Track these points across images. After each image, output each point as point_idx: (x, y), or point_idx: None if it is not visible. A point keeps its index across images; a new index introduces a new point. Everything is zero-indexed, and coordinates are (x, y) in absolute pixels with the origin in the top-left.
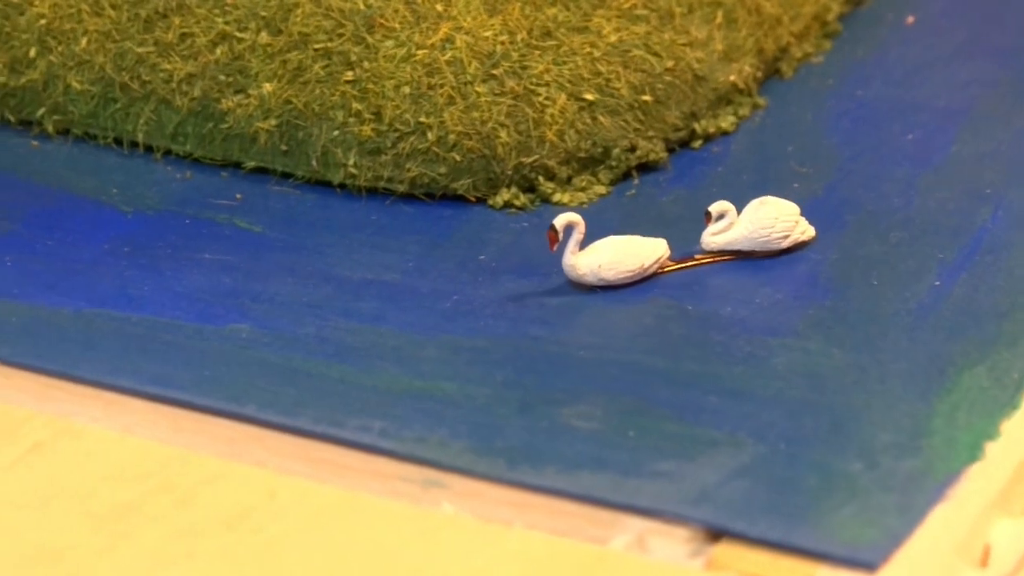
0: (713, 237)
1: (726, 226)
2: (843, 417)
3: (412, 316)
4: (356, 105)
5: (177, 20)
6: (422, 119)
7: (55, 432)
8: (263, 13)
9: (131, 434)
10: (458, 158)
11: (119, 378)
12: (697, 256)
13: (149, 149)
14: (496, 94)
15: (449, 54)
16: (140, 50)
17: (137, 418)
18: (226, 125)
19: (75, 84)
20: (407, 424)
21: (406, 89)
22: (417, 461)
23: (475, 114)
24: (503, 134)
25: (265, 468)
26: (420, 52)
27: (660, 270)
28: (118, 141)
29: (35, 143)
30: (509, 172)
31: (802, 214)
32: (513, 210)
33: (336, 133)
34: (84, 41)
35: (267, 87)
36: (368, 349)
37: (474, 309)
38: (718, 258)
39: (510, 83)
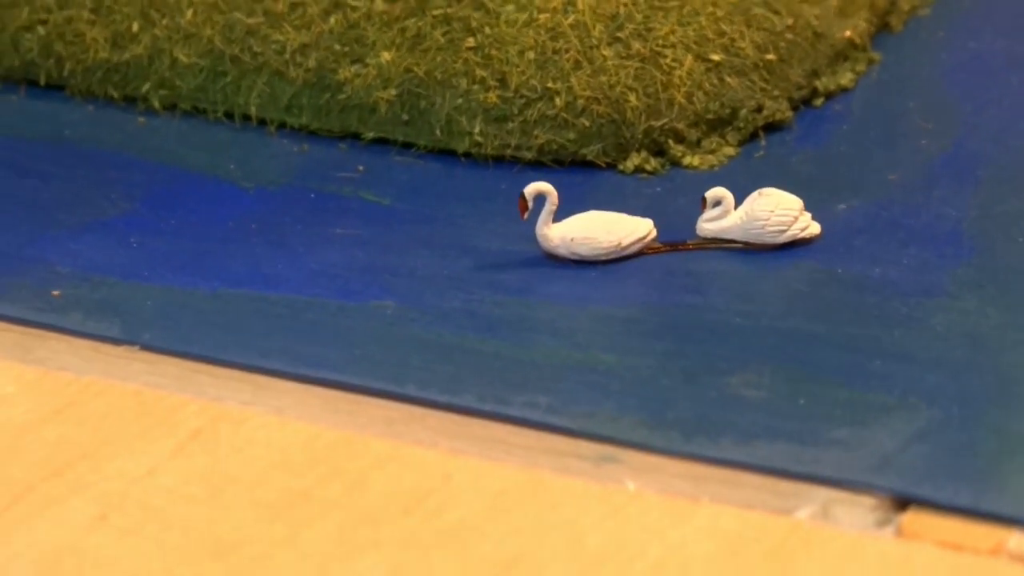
0: (707, 224)
1: (721, 213)
2: (1009, 378)
3: (559, 287)
4: (480, 72)
5: None
6: (549, 84)
7: (212, 418)
8: None
9: (284, 417)
10: (587, 123)
11: (269, 360)
12: (690, 242)
13: (262, 122)
14: (623, 57)
15: (572, 17)
16: (250, 21)
17: (289, 400)
18: (343, 96)
19: (182, 57)
20: (573, 399)
21: (530, 54)
22: (589, 437)
23: (603, 78)
24: (632, 98)
25: (436, 449)
26: (542, 16)
27: (646, 250)
28: (229, 115)
29: (142, 119)
30: (639, 136)
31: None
32: (644, 175)
33: (460, 101)
34: (189, 13)
35: (385, 56)
36: (519, 322)
37: (621, 278)
38: (710, 245)
39: (636, 45)
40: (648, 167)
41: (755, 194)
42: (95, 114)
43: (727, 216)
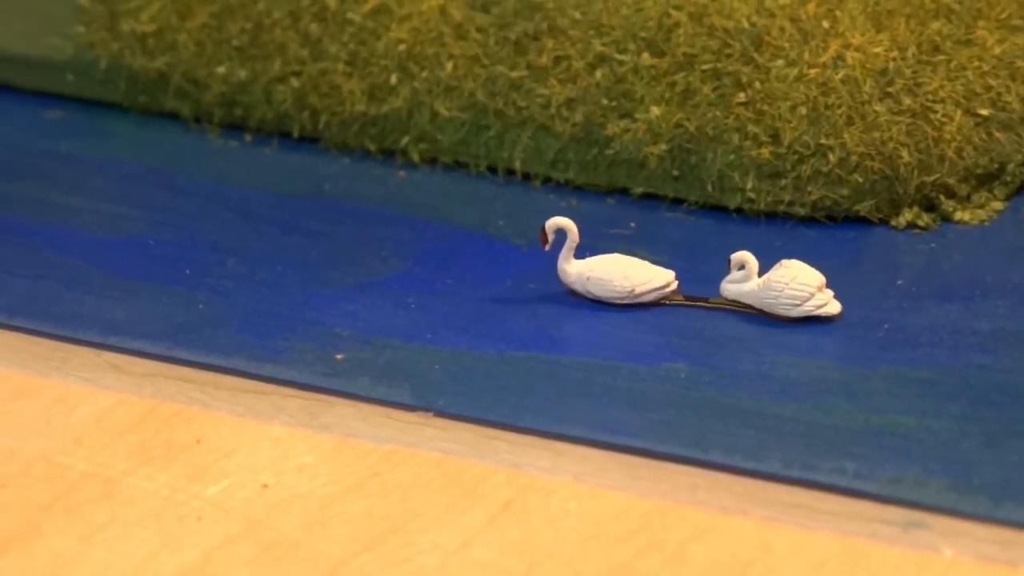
0: (729, 285)
1: (743, 277)
2: None
3: (848, 347)
4: (752, 127)
5: (550, 43)
6: (822, 140)
7: (520, 489)
8: (642, 34)
9: (592, 486)
10: (860, 180)
11: (568, 426)
12: (711, 300)
13: (526, 176)
14: (894, 113)
15: (842, 72)
16: (513, 75)
17: (589, 467)
18: (612, 151)
19: (442, 111)
20: (878, 463)
21: (802, 110)
22: (896, 502)
23: (875, 134)
24: (904, 153)
25: (749, 517)
26: (812, 71)
27: (665, 301)
28: (492, 169)
29: (402, 173)
30: (911, 192)
31: None
32: (916, 230)
33: (732, 157)
34: (450, 66)
35: (655, 111)
36: (813, 384)
37: (908, 337)
38: (728, 306)
39: (907, 101)
40: (920, 223)
41: (778, 264)
42: (352, 167)
43: (749, 281)
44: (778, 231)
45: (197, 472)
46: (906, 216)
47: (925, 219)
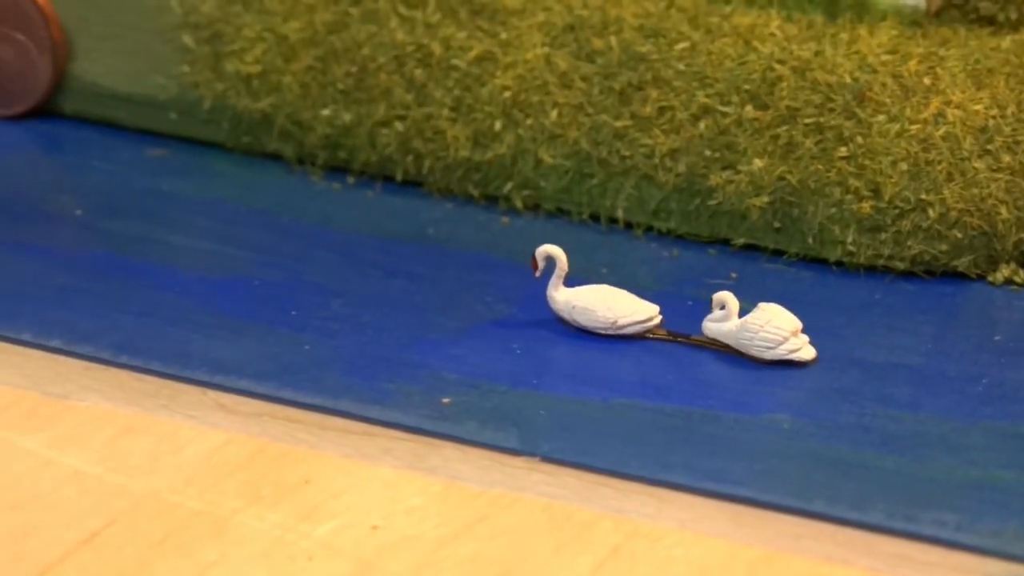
0: (710, 324)
1: (723, 316)
2: None
3: (947, 401)
4: (853, 182)
5: (654, 93)
6: (922, 196)
7: (628, 535)
8: (746, 87)
9: (698, 533)
10: (960, 235)
11: (673, 474)
12: (693, 336)
13: (628, 225)
14: (993, 170)
15: (943, 129)
16: (617, 124)
17: (692, 514)
18: (714, 202)
19: (546, 158)
20: (979, 517)
21: (903, 165)
22: (998, 555)
23: (975, 190)
24: (1003, 210)
25: (852, 567)
26: (913, 127)
27: (649, 335)
28: (594, 217)
29: (505, 219)
30: (1009, 248)
31: None
32: (1013, 286)
33: (833, 210)
34: (554, 114)
35: (758, 163)
36: (914, 438)
37: (1007, 393)
38: (709, 344)
39: (1006, 158)
40: (1017, 279)
41: (757, 307)
42: (455, 212)
43: (728, 320)
44: (877, 284)
45: (306, 512)
46: (1003, 272)
47: (1022, 276)
